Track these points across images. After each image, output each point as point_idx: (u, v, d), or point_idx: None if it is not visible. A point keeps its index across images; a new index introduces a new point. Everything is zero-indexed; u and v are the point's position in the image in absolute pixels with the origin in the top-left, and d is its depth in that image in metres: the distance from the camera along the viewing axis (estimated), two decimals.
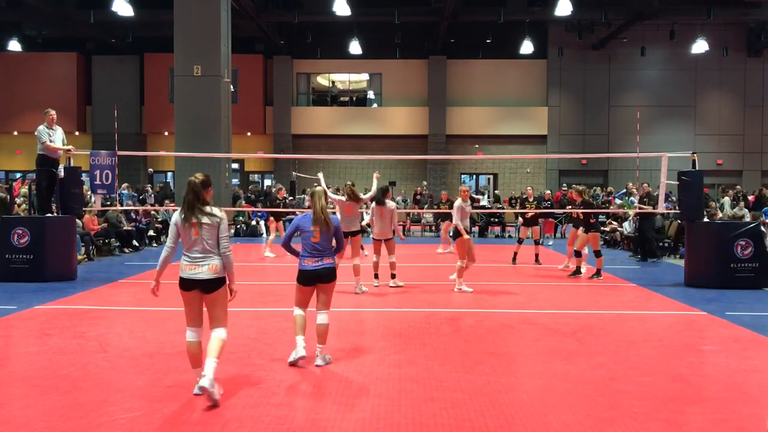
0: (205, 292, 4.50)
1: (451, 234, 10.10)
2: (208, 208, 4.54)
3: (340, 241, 5.61)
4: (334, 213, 6.40)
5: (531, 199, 13.12)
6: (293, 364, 5.30)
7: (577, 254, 11.00)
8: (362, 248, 10.08)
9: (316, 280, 5.41)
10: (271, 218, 14.67)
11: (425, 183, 23.62)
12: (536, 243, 13.04)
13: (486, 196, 23.40)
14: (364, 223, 19.76)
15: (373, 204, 9.65)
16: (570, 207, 10.98)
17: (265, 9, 23.81)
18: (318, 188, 5.58)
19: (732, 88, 27.71)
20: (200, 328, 4.57)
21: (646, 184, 13.47)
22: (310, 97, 29.23)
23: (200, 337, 4.55)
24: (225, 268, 4.54)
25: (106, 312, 7.71)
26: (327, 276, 5.41)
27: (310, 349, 5.42)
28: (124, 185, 19.76)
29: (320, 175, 10.05)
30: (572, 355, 5.77)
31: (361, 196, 9.34)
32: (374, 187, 9.65)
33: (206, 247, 4.49)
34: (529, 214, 13.04)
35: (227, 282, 4.59)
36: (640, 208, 13.14)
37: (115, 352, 5.76)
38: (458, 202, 9.37)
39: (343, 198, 9.25)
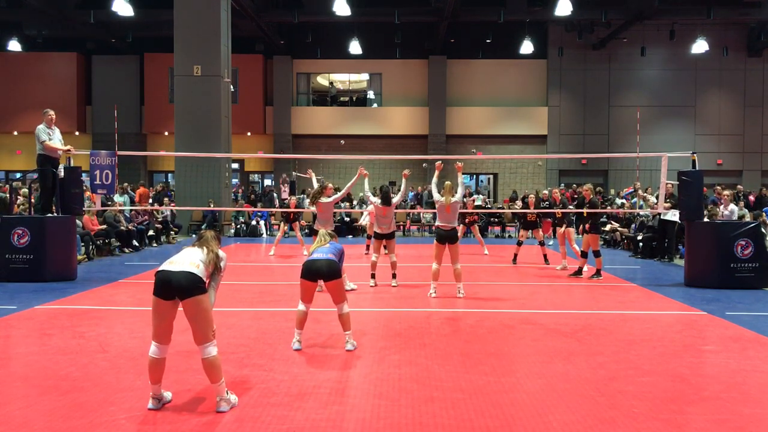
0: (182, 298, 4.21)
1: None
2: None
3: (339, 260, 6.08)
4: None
5: (532, 207, 13.13)
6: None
7: (584, 254, 11.01)
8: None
9: (316, 275, 5.73)
10: (273, 218, 14.65)
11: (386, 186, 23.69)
12: (541, 244, 13.04)
13: (479, 195, 23.29)
14: (364, 222, 19.92)
15: (378, 202, 9.80)
16: (586, 206, 10.95)
17: (265, 9, 23.81)
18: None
19: (732, 88, 27.72)
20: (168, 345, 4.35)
21: (670, 185, 13.18)
22: (310, 97, 29.22)
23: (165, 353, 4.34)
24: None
25: (106, 312, 7.71)
26: (328, 269, 5.70)
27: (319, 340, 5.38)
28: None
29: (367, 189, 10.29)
30: (572, 355, 5.77)
31: (324, 199, 9.33)
32: (338, 194, 9.86)
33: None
34: (529, 217, 13.06)
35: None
36: (665, 208, 12.98)
37: (115, 352, 5.75)
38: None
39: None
